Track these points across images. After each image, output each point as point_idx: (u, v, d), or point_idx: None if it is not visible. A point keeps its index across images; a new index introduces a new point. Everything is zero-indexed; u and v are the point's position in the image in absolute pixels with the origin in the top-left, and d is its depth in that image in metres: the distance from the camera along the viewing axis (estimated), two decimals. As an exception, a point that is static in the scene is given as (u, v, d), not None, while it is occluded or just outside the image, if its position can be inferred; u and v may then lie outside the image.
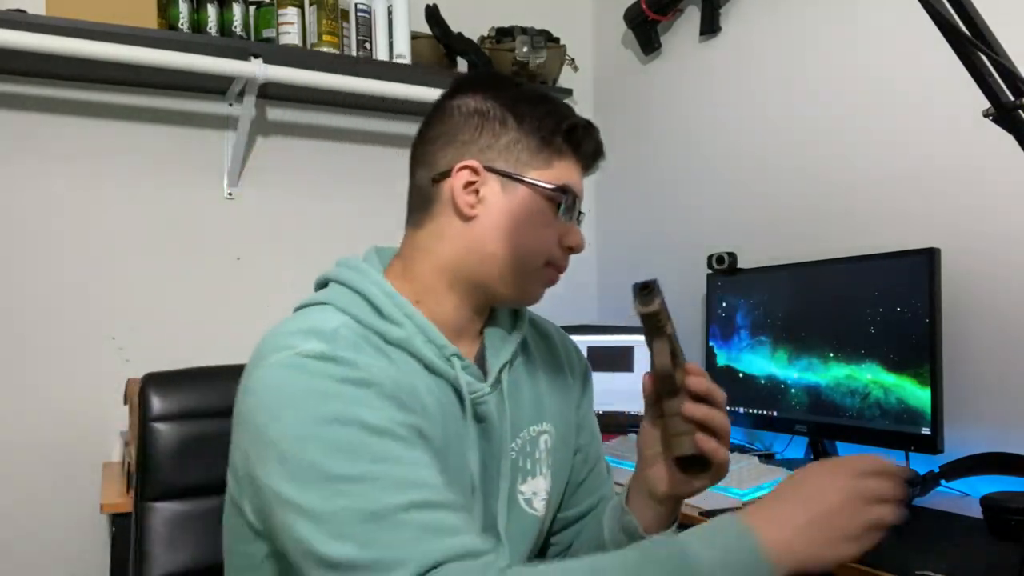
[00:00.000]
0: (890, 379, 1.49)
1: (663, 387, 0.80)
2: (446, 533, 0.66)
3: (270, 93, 2.06)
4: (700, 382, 0.79)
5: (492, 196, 0.83)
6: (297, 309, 0.85)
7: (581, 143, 0.87)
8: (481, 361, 0.88)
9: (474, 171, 0.83)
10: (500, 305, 0.91)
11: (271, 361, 0.73)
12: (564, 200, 0.85)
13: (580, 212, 0.89)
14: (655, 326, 0.76)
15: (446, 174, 0.84)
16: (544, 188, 0.84)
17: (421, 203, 0.87)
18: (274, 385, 0.72)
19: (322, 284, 0.88)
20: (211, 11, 1.93)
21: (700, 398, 0.79)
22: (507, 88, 0.87)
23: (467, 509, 0.75)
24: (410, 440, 0.72)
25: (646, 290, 0.75)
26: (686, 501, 1.37)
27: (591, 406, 1.05)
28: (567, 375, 1.00)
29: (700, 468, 0.82)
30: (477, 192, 0.83)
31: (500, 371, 0.88)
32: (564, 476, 0.97)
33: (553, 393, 0.96)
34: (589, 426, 1.03)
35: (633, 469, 0.91)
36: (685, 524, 1.33)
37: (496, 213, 0.83)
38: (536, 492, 0.91)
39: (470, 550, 0.66)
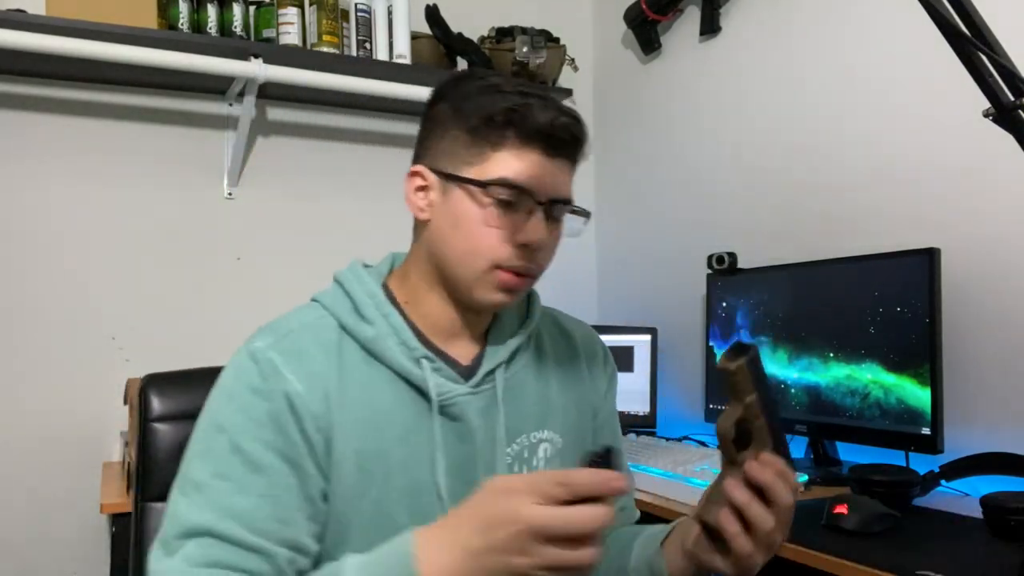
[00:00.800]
0: (890, 379, 1.49)
1: (723, 451, 0.75)
2: (215, 570, 0.71)
3: (270, 93, 2.06)
4: (761, 473, 0.71)
5: (436, 198, 0.83)
6: None
7: (524, 124, 0.79)
8: (480, 362, 0.88)
9: (420, 176, 0.84)
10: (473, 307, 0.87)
11: (239, 348, 0.82)
12: (501, 194, 0.79)
13: (541, 203, 0.80)
14: (731, 386, 0.72)
15: None
16: (474, 185, 0.80)
17: None
18: (223, 373, 0.81)
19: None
20: (211, 11, 1.93)
21: (758, 490, 0.72)
22: (463, 85, 0.83)
23: (274, 553, 0.73)
24: (266, 466, 0.75)
25: (735, 348, 0.72)
26: (686, 500, 1.38)
27: (614, 409, 1.02)
28: (585, 377, 0.97)
29: (723, 547, 0.75)
30: (428, 195, 0.83)
31: (490, 373, 0.86)
32: None
33: (566, 400, 0.93)
34: (611, 426, 1.00)
35: (633, 468, 0.90)
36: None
37: (440, 215, 0.82)
38: None
39: None
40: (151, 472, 1.03)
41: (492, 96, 0.80)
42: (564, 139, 0.80)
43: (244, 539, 0.72)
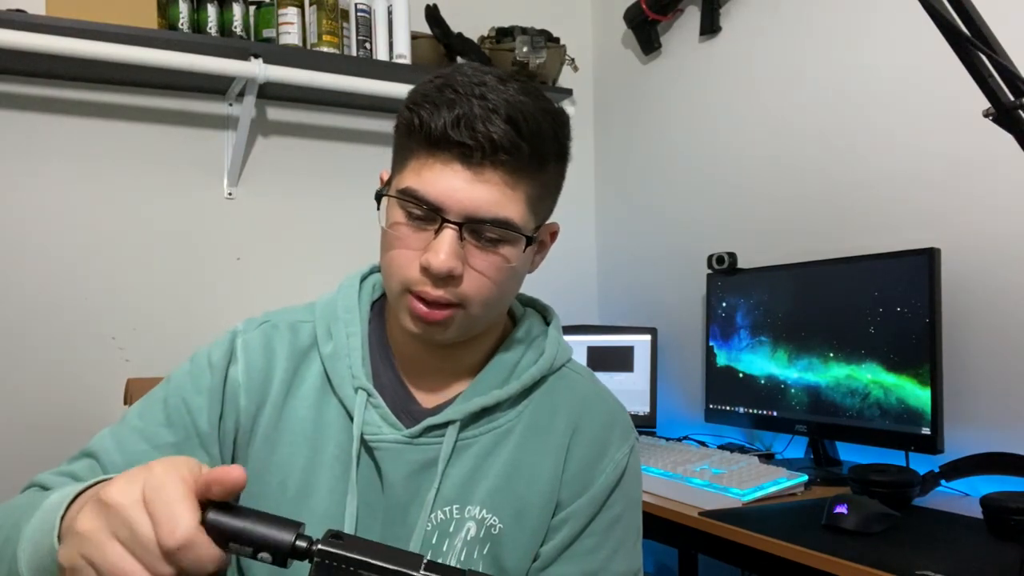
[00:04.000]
0: (890, 379, 1.49)
1: None
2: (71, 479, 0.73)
3: (270, 93, 2.06)
4: None
5: (384, 203, 0.74)
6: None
7: (431, 129, 0.67)
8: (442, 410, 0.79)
9: (382, 177, 0.78)
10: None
11: None
12: (411, 207, 0.70)
13: (450, 222, 0.68)
14: None
15: None
16: (387, 194, 0.73)
17: None
18: None
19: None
20: (211, 11, 1.93)
21: None
22: (426, 81, 0.72)
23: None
24: (179, 428, 0.76)
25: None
26: (686, 500, 1.38)
27: (612, 524, 0.80)
28: (558, 467, 0.79)
29: None
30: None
31: (438, 426, 0.76)
32: None
33: (524, 483, 0.78)
34: (593, 540, 0.78)
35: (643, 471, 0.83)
36: (684, 525, 1.34)
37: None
38: None
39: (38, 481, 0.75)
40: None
41: (429, 95, 0.69)
42: (484, 148, 0.67)
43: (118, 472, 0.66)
